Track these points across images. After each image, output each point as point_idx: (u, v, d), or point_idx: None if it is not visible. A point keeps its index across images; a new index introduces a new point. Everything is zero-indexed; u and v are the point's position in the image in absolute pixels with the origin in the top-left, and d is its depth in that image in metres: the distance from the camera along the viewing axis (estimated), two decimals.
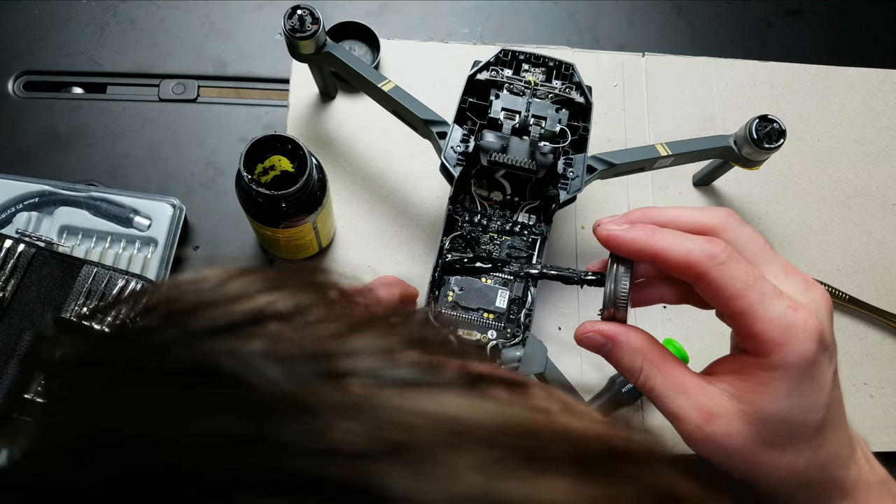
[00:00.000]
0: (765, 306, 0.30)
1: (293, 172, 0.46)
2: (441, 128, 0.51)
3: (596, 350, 0.34)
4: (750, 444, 0.31)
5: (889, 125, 0.66)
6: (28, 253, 0.51)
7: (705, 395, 0.31)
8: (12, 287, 0.50)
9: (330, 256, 0.57)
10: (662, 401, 0.32)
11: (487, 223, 0.51)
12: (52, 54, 0.63)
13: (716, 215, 0.33)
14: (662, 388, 0.32)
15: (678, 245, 0.31)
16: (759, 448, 0.31)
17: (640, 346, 0.33)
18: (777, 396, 0.30)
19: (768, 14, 0.71)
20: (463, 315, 0.48)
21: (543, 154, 0.48)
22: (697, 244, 0.31)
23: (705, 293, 0.31)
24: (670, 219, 0.33)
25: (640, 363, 0.33)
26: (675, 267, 0.31)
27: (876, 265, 0.61)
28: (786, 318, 0.29)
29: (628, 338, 0.33)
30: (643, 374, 0.33)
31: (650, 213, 0.33)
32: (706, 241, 0.31)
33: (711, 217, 0.33)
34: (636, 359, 0.33)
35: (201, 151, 0.61)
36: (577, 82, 0.52)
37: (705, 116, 0.64)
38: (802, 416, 0.30)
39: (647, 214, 0.33)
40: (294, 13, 0.51)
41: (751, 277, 0.30)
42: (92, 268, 0.51)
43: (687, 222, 0.33)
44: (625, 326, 0.34)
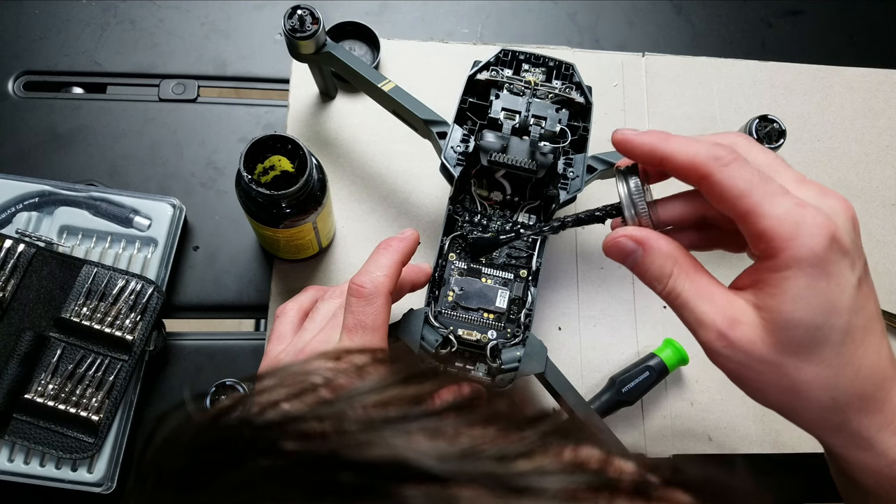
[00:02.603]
0: (770, 203, 0.29)
1: (293, 172, 0.46)
2: (441, 128, 0.51)
3: (624, 258, 0.34)
4: (773, 352, 0.30)
5: (889, 125, 0.66)
6: (28, 253, 0.51)
7: (730, 304, 0.31)
8: (12, 287, 0.50)
9: (330, 256, 0.57)
10: (689, 307, 0.32)
11: (487, 223, 0.51)
12: (52, 54, 0.63)
13: (725, 136, 0.33)
14: (689, 293, 0.32)
15: (686, 147, 0.31)
16: (782, 357, 0.30)
17: (671, 251, 0.33)
18: (793, 297, 0.29)
19: (768, 14, 0.71)
20: (463, 315, 0.48)
21: (543, 154, 0.48)
22: (704, 147, 0.31)
23: (712, 197, 0.31)
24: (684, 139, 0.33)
25: (670, 268, 0.33)
26: (682, 169, 0.32)
27: (876, 265, 0.61)
28: (792, 214, 0.29)
29: (659, 243, 0.33)
30: (672, 279, 0.32)
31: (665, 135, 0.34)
32: (713, 145, 0.31)
33: (721, 137, 0.33)
34: (667, 263, 0.33)
35: (201, 151, 0.61)
36: (577, 82, 0.52)
37: (705, 116, 0.64)
38: (823, 319, 0.29)
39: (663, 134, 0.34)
40: (294, 13, 0.51)
41: (756, 178, 0.30)
42: (92, 268, 0.51)
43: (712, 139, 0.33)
44: (655, 232, 0.34)
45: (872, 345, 0.31)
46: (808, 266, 0.29)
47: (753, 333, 0.30)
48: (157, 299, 0.51)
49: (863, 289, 0.31)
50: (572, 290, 0.58)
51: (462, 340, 0.46)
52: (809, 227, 0.29)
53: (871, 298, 0.31)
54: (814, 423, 0.32)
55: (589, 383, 0.56)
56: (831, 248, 0.29)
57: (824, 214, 0.29)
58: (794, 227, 0.29)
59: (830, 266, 0.29)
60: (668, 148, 0.32)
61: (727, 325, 0.31)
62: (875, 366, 0.31)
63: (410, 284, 0.46)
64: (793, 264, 0.29)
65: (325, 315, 0.44)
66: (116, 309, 0.50)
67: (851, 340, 0.30)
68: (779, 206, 0.29)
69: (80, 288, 0.51)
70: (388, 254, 0.41)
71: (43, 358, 0.49)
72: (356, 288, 0.40)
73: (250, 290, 0.57)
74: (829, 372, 0.30)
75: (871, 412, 0.31)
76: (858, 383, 0.31)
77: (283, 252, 0.54)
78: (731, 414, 0.56)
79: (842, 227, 0.30)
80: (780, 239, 0.29)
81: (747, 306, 0.31)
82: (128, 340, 0.50)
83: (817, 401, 0.31)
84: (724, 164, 0.30)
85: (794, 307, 0.29)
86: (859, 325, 0.30)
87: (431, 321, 0.47)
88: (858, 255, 0.31)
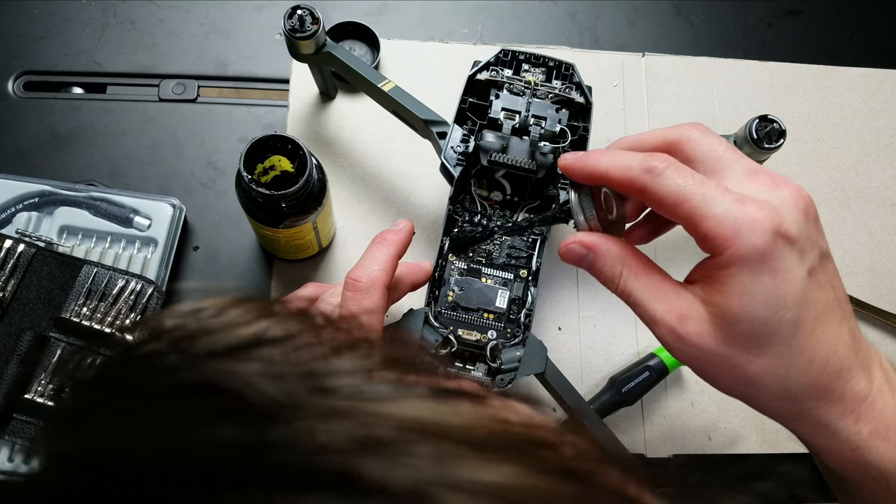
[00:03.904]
0: (707, 205, 0.30)
1: (293, 172, 0.46)
2: (441, 128, 0.51)
3: (579, 262, 0.35)
4: (722, 346, 0.31)
5: (889, 125, 0.66)
6: (28, 253, 0.51)
7: (679, 300, 0.32)
8: (12, 287, 0.50)
9: (330, 256, 0.57)
10: (641, 305, 0.33)
11: (487, 223, 0.51)
12: (52, 54, 0.63)
13: (678, 129, 0.34)
14: (640, 292, 0.33)
15: (619, 164, 0.32)
16: (731, 350, 0.31)
17: (619, 253, 0.34)
18: (738, 293, 0.30)
19: (768, 14, 0.71)
20: (463, 315, 0.48)
21: (543, 154, 0.48)
22: (637, 160, 0.32)
23: (654, 207, 0.32)
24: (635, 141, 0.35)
25: (620, 269, 0.34)
26: (619, 185, 0.33)
27: (876, 265, 0.61)
28: (731, 213, 0.29)
29: (608, 246, 0.34)
30: (622, 280, 0.34)
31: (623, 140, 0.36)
32: (646, 157, 0.32)
33: (674, 132, 0.34)
34: (616, 265, 0.34)
35: (201, 151, 0.61)
36: (577, 82, 0.52)
37: (705, 116, 0.64)
38: (770, 313, 0.30)
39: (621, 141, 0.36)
40: (294, 13, 0.51)
41: (690, 183, 0.31)
42: (92, 268, 0.51)
43: (651, 140, 0.34)
44: (604, 236, 0.35)
45: (827, 335, 0.31)
46: (751, 262, 0.29)
47: (702, 328, 0.31)
48: (157, 299, 0.51)
49: (816, 278, 0.30)
50: (572, 290, 0.58)
51: (462, 340, 0.46)
52: (749, 224, 0.29)
53: (826, 287, 0.31)
54: (773, 411, 0.33)
55: (589, 383, 0.56)
56: (774, 242, 0.29)
57: (768, 208, 0.30)
58: (733, 225, 0.29)
59: (774, 261, 0.29)
60: (603, 167, 0.33)
61: (676, 320, 0.32)
62: (830, 355, 0.31)
63: (410, 284, 0.46)
64: (735, 261, 0.30)
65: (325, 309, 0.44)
66: (116, 309, 0.50)
67: (802, 333, 0.30)
68: (717, 207, 0.30)
69: (80, 288, 0.51)
70: (384, 248, 0.42)
71: (43, 358, 0.49)
72: (352, 282, 0.40)
73: (250, 290, 0.57)
74: (779, 364, 0.30)
75: (829, 401, 0.31)
76: (812, 374, 0.31)
77: (283, 252, 0.54)
78: (731, 414, 0.56)
79: (788, 218, 0.30)
80: (721, 238, 0.30)
81: (696, 302, 0.32)
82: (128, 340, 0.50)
83: (771, 391, 0.31)
84: (657, 175, 0.31)
85: (739, 303, 0.30)
86: (810, 317, 0.30)
87: (431, 321, 0.47)
88: (811, 244, 0.31)
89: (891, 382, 0.33)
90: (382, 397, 0.18)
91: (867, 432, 0.31)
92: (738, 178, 0.31)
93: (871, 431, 0.31)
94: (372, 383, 0.18)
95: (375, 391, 0.18)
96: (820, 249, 0.31)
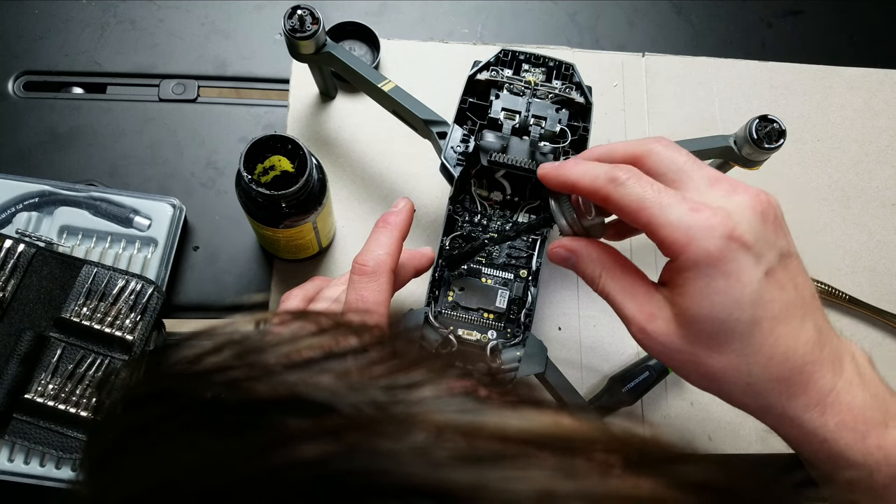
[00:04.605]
0: (664, 213, 0.32)
1: (293, 172, 0.46)
2: (441, 128, 0.51)
3: (564, 263, 0.39)
4: (685, 343, 0.33)
5: (889, 125, 0.66)
6: (28, 253, 0.51)
7: (649, 300, 0.34)
8: (12, 287, 0.50)
9: (330, 256, 0.57)
10: (616, 304, 0.36)
11: (487, 223, 0.51)
12: (52, 54, 0.63)
13: (642, 144, 0.36)
14: (616, 292, 0.36)
15: (587, 174, 0.35)
16: (694, 348, 0.33)
17: (598, 256, 0.37)
18: (694, 296, 0.32)
19: (768, 14, 0.71)
20: (463, 315, 0.48)
21: (543, 154, 0.48)
22: (603, 171, 0.34)
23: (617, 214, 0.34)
24: (606, 151, 0.37)
25: (599, 272, 0.37)
26: (587, 193, 0.35)
27: (876, 265, 0.61)
28: (685, 220, 0.31)
29: (588, 251, 0.37)
30: (601, 281, 0.37)
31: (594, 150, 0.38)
32: (611, 168, 0.34)
33: (639, 145, 0.36)
34: (595, 268, 0.37)
35: (201, 151, 0.61)
36: (577, 82, 0.52)
37: (705, 116, 0.64)
38: (726, 314, 0.31)
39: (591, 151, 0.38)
40: (294, 13, 0.51)
41: (650, 192, 0.32)
42: (92, 268, 0.51)
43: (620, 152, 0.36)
44: (586, 240, 0.38)
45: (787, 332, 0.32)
46: (705, 266, 0.31)
47: (667, 327, 0.33)
48: (157, 299, 0.51)
49: (774, 278, 0.32)
50: (572, 290, 0.58)
51: (462, 340, 0.46)
52: (702, 230, 0.31)
53: (787, 286, 0.32)
54: (740, 405, 0.34)
55: (589, 383, 0.56)
56: (727, 246, 0.31)
57: (723, 214, 0.31)
58: (687, 231, 0.31)
59: (727, 264, 0.31)
60: (574, 176, 0.36)
61: (645, 319, 0.34)
62: (790, 352, 0.32)
63: (414, 269, 0.46)
64: (690, 266, 0.31)
65: (328, 299, 0.45)
66: (116, 309, 0.50)
67: (759, 331, 0.31)
68: (672, 214, 0.31)
69: (80, 288, 0.51)
70: (388, 231, 0.42)
71: (43, 358, 0.49)
72: (359, 266, 0.41)
73: (250, 290, 0.57)
74: (739, 360, 0.32)
75: (793, 395, 0.32)
76: (773, 369, 0.32)
77: (283, 252, 0.54)
78: (731, 414, 0.56)
79: (743, 222, 0.31)
80: (676, 245, 0.31)
81: (664, 302, 0.34)
82: (128, 340, 0.50)
83: (735, 386, 0.33)
84: (620, 184, 0.33)
85: (697, 305, 0.32)
86: (767, 316, 0.31)
87: (431, 321, 0.47)
88: (768, 246, 0.32)
89: (863, 376, 0.33)
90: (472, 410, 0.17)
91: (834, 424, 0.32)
92: (698, 187, 0.33)
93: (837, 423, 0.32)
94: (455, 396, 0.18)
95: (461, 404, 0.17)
96: (779, 250, 0.32)
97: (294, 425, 0.16)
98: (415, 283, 0.48)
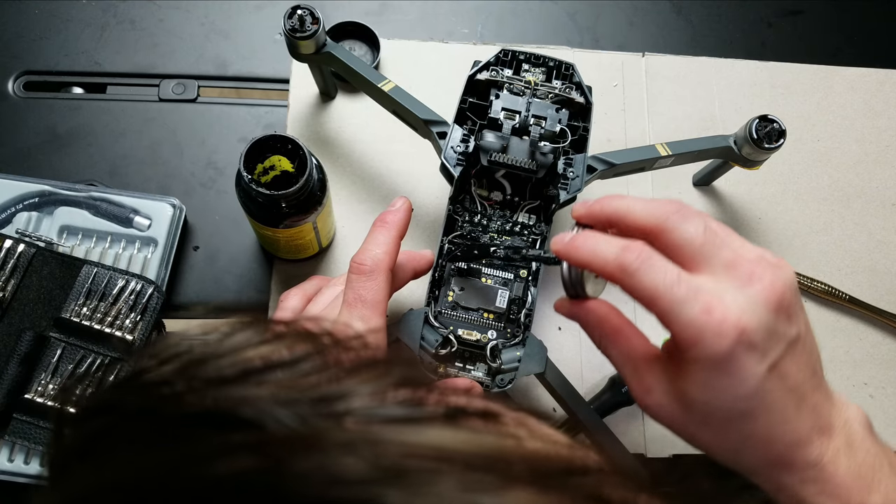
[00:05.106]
0: (675, 311, 0.32)
1: (293, 172, 0.46)
2: (441, 128, 0.51)
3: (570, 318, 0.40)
4: (680, 418, 0.34)
5: (889, 125, 0.66)
6: (28, 253, 0.51)
7: (648, 371, 0.35)
8: (12, 287, 0.50)
9: (330, 256, 0.57)
10: (618, 369, 0.37)
11: (487, 223, 0.51)
12: (52, 54, 0.63)
13: (658, 213, 0.35)
14: (615, 359, 0.37)
15: (597, 256, 0.34)
16: (689, 423, 0.34)
17: (598, 323, 0.38)
18: (695, 385, 0.33)
19: (768, 14, 0.71)
20: (463, 315, 0.48)
21: (543, 154, 0.48)
22: (612, 254, 0.34)
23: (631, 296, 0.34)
24: (623, 211, 0.36)
25: (598, 337, 0.38)
26: (601, 273, 0.35)
27: (876, 265, 0.61)
28: (696, 323, 0.31)
29: (587, 317, 0.38)
30: (601, 346, 0.38)
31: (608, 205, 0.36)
32: (621, 251, 0.33)
33: (657, 218, 0.34)
34: (595, 333, 0.38)
35: (201, 151, 0.61)
36: (577, 82, 0.52)
37: (705, 116, 0.64)
38: (721, 404, 0.32)
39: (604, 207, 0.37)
40: (294, 13, 0.51)
41: (662, 284, 0.32)
42: (92, 268, 0.51)
43: (635, 220, 0.35)
44: (585, 305, 0.38)
45: (780, 419, 0.33)
46: (710, 366, 0.31)
47: (664, 400, 0.35)
48: (157, 299, 0.51)
49: (777, 369, 0.32)
50: None
51: (462, 340, 0.46)
52: (712, 335, 0.31)
53: (791, 373, 0.33)
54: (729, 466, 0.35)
55: (589, 383, 0.56)
56: (734, 349, 0.31)
57: (735, 316, 0.31)
58: (697, 335, 0.31)
59: (731, 365, 0.31)
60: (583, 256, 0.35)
61: (643, 391, 0.35)
62: (781, 435, 0.33)
63: (413, 271, 0.46)
64: (695, 362, 0.32)
65: (327, 298, 0.45)
66: (116, 309, 0.50)
67: (752, 420, 0.32)
68: (683, 314, 0.31)
69: (80, 288, 0.51)
70: (386, 230, 0.42)
71: (43, 358, 0.49)
72: (357, 265, 0.41)
73: (250, 290, 0.57)
74: (730, 440, 0.34)
75: (776, 467, 0.34)
76: (761, 451, 0.33)
77: (283, 252, 0.54)
78: None
79: (754, 321, 0.31)
80: (686, 343, 0.32)
81: (662, 375, 0.35)
82: (128, 340, 0.50)
83: (723, 455, 0.34)
84: (631, 274, 0.33)
85: (697, 392, 0.33)
86: (763, 407, 0.32)
87: (431, 321, 0.47)
88: (778, 339, 0.32)
89: (851, 444, 0.34)
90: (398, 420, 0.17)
91: (816, 492, 0.33)
92: (715, 272, 0.33)
93: (819, 492, 0.33)
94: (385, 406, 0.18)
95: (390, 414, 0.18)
96: (788, 340, 0.32)
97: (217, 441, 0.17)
98: (415, 283, 0.48)
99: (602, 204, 0.37)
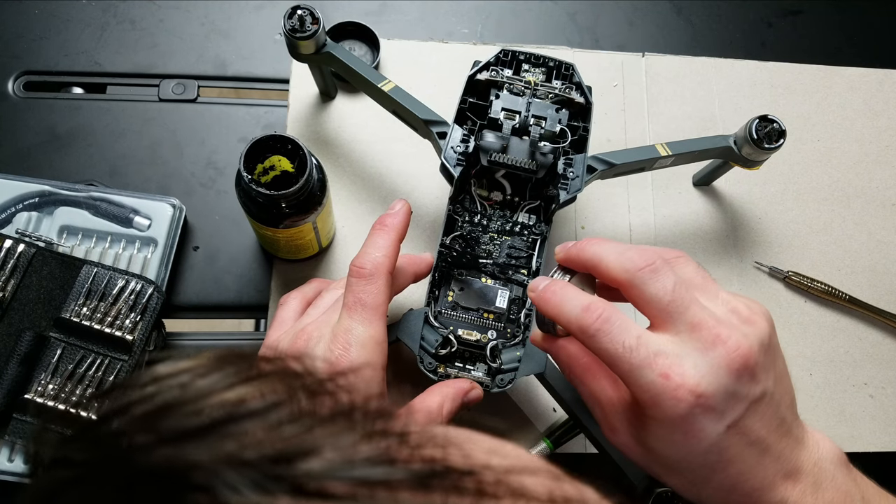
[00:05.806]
0: (634, 374, 0.33)
1: (293, 172, 0.46)
2: (441, 128, 0.51)
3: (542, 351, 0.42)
4: (643, 460, 0.36)
5: (889, 125, 0.66)
6: (28, 253, 0.51)
7: (612, 412, 0.37)
8: (12, 287, 0.50)
9: (330, 256, 0.57)
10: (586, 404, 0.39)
11: (487, 223, 0.51)
12: (52, 54, 0.63)
13: (629, 266, 0.35)
14: (584, 396, 0.39)
15: (562, 313, 0.36)
16: (652, 464, 0.36)
17: (567, 360, 0.39)
18: (654, 438, 0.34)
19: (768, 14, 0.71)
20: (463, 315, 0.48)
21: (543, 154, 0.48)
22: (574, 315, 0.35)
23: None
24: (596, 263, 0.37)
25: (567, 374, 0.40)
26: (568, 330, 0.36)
27: (876, 265, 0.61)
28: (653, 387, 0.32)
29: (558, 353, 0.40)
30: (571, 382, 0.40)
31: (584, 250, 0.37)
32: (582, 312, 0.34)
33: (623, 270, 0.35)
34: (564, 369, 0.40)
35: (201, 151, 0.61)
36: (577, 82, 0.52)
37: (705, 116, 0.64)
38: (680, 457, 0.33)
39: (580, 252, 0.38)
40: (294, 13, 0.51)
41: (621, 348, 0.33)
42: (92, 268, 0.51)
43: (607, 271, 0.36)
44: (556, 342, 0.40)
45: (740, 470, 0.33)
46: (668, 425, 0.33)
47: (627, 440, 0.36)
48: (157, 299, 0.51)
49: (737, 428, 0.33)
50: None
51: (462, 340, 0.46)
52: (669, 399, 0.32)
53: (750, 430, 0.33)
54: None
55: None
56: (690, 412, 0.32)
57: (693, 381, 0.32)
58: (655, 398, 0.32)
59: (689, 426, 0.32)
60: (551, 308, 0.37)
61: (608, 429, 0.38)
62: (741, 484, 0.33)
63: (413, 274, 0.46)
64: (653, 420, 0.33)
65: (327, 302, 0.45)
66: (116, 309, 0.50)
67: (710, 471, 0.33)
68: (642, 378, 0.32)
69: (80, 288, 0.51)
70: (385, 233, 0.42)
71: (43, 358, 0.49)
72: (356, 269, 0.41)
73: (250, 290, 0.57)
74: (690, 485, 0.35)
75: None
76: (721, 497, 0.34)
77: (283, 252, 0.54)
78: None
79: (711, 387, 0.32)
80: (644, 404, 0.33)
81: (624, 417, 0.36)
82: (128, 340, 0.50)
83: (689, 497, 0.36)
84: (590, 336, 0.34)
85: (654, 443, 0.34)
86: (722, 460, 0.33)
87: (431, 321, 0.47)
88: (737, 401, 0.32)
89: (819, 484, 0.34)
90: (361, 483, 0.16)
91: None
92: (679, 333, 0.33)
93: None
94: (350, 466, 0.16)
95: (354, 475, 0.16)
96: (750, 400, 0.33)
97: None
98: (415, 284, 0.48)
99: (579, 248, 0.38)
